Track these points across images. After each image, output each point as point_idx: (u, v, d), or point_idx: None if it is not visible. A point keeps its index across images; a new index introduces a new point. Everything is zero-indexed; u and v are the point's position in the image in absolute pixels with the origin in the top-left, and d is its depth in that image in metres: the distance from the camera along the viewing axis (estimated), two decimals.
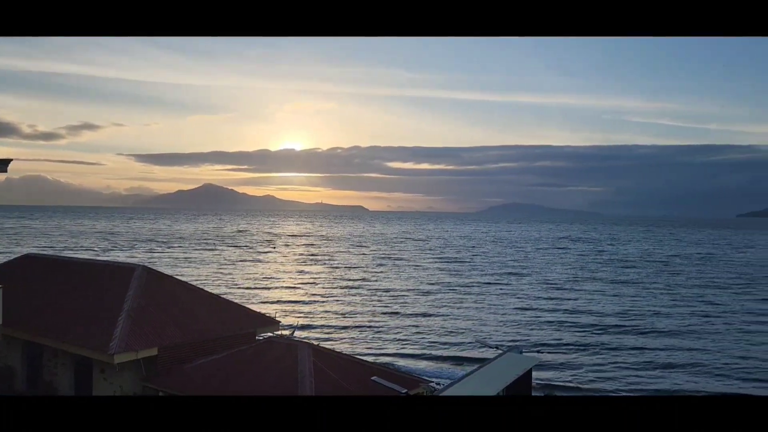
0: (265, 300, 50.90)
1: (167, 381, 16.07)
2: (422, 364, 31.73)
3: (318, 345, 20.08)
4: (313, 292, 56.79)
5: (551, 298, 54.51)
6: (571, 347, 35.85)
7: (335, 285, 61.97)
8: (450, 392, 13.23)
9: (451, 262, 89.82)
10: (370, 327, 41.13)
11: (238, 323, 19.98)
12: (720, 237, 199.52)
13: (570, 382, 28.93)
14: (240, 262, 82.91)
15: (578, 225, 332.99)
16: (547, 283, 65.50)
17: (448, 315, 45.75)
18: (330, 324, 42.03)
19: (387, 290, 58.10)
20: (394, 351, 34.86)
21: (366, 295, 54.82)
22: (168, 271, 37.93)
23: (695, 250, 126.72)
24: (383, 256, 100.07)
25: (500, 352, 17.09)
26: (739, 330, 41.77)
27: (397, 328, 41.04)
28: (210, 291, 25.40)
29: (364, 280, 66.25)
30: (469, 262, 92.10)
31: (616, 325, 42.52)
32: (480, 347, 27.78)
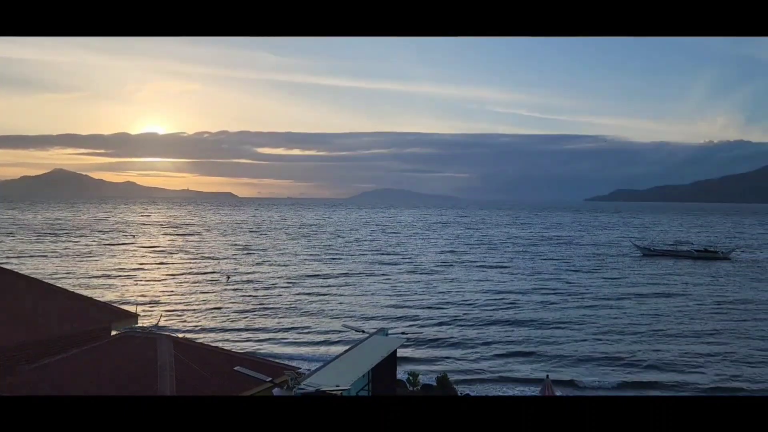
0: (124, 293, 47.95)
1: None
2: (290, 351, 31.59)
3: (180, 337, 19.23)
4: (177, 283, 54.34)
5: (421, 282, 56.40)
6: (439, 329, 37.36)
7: (201, 275, 59.71)
8: (317, 376, 13.26)
9: (322, 249, 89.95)
10: (238, 317, 40.17)
11: (91, 318, 18.58)
12: (575, 220, 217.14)
13: (435, 363, 30.11)
14: (93, 254, 77.21)
15: (447, 210, 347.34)
16: (418, 268, 67.70)
17: (318, 302, 45.83)
18: (195, 316, 40.50)
19: (256, 280, 56.99)
20: (263, 339, 34.40)
21: (234, 285, 53.41)
22: (8, 266, 34.47)
23: (555, 233, 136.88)
24: (253, 244, 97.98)
25: (366, 335, 17.39)
26: (589, 307, 45.78)
27: (266, 317, 40.46)
28: (59, 285, 23.40)
29: (232, 269, 64.45)
30: (341, 248, 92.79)
31: (483, 306, 44.93)
32: (348, 332, 28.16)
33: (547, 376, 16.51)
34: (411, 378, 19.61)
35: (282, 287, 52.57)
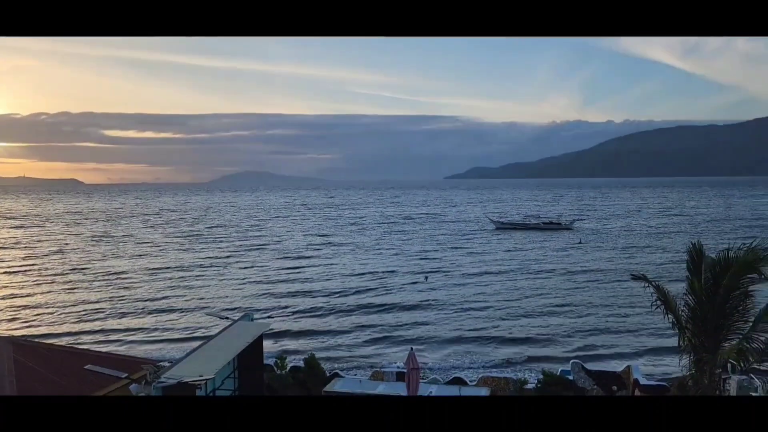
0: None
1: None
2: (151, 348, 30.01)
3: (22, 338, 17.56)
4: (17, 281, 49.41)
5: (288, 267, 55.85)
6: (307, 313, 37.33)
7: (47, 271, 54.71)
8: (178, 368, 12.71)
9: (183, 236, 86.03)
10: (93, 313, 37.42)
11: None
12: (438, 197, 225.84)
13: (303, 346, 30.07)
14: None
15: (313, 192, 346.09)
16: (284, 252, 66.95)
17: (181, 293, 43.91)
18: (43, 315, 37.14)
19: (113, 272, 53.31)
20: (121, 338, 32.30)
21: (87, 280, 49.57)
22: None
23: (422, 211, 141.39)
24: (106, 234, 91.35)
25: (231, 321, 16.96)
26: (457, 285, 47.98)
27: (126, 311, 38.09)
28: None
29: (85, 262, 59.73)
30: (203, 234, 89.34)
31: (351, 288, 45.49)
32: (214, 321, 27.22)
33: (411, 348, 17.15)
34: (279, 362, 19.47)
35: (141, 279, 49.64)
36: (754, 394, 13.59)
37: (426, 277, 47.38)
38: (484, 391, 17.09)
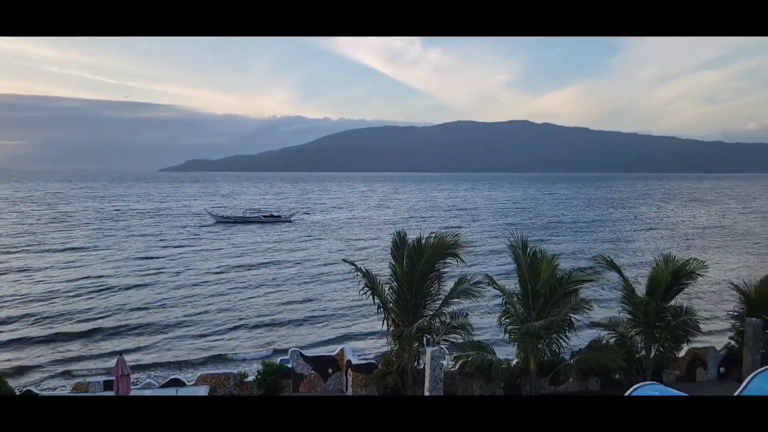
0: None
1: None
2: None
3: None
4: None
5: None
6: (13, 326, 31.81)
7: None
8: None
9: None
10: None
11: None
12: (158, 191, 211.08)
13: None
14: None
15: None
16: None
17: None
18: None
19: None
20: None
21: None
22: None
23: (144, 206, 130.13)
24: None
25: None
26: (179, 286, 45.38)
27: None
28: None
29: None
30: None
31: (63, 296, 39.98)
32: None
33: (121, 353, 15.76)
34: None
35: None
36: (444, 362, 15.60)
37: None
38: (203, 390, 16.58)
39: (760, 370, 4.82)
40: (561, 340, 17.02)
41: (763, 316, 18.48)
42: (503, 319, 17.45)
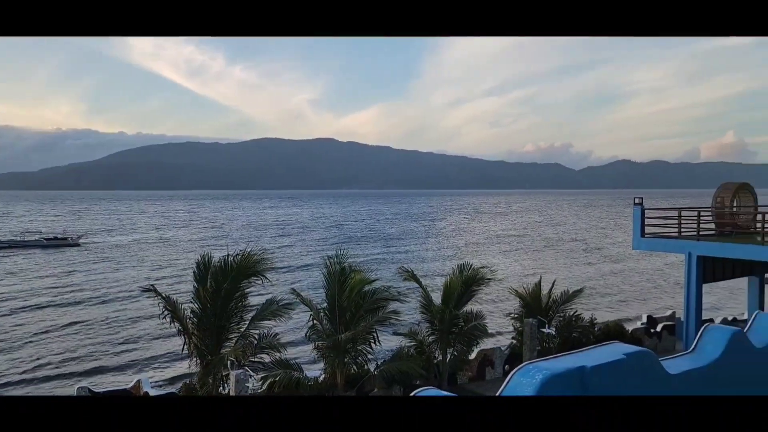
0: None
1: None
2: None
3: None
4: None
5: None
6: None
7: None
8: None
9: None
10: None
11: None
12: None
13: None
14: None
15: None
16: None
17: None
18: None
19: None
20: None
21: None
22: None
23: None
24: None
25: None
26: None
27: None
28: None
29: None
30: None
31: None
32: None
33: None
34: None
35: None
36: (249, 385, 15.13)
37: None
38: None
39: (519, 366, 5.47)
40: (366, 353, 17.54)
41: (538, 316, 20.89)
42: (311, 335, 17.53)
